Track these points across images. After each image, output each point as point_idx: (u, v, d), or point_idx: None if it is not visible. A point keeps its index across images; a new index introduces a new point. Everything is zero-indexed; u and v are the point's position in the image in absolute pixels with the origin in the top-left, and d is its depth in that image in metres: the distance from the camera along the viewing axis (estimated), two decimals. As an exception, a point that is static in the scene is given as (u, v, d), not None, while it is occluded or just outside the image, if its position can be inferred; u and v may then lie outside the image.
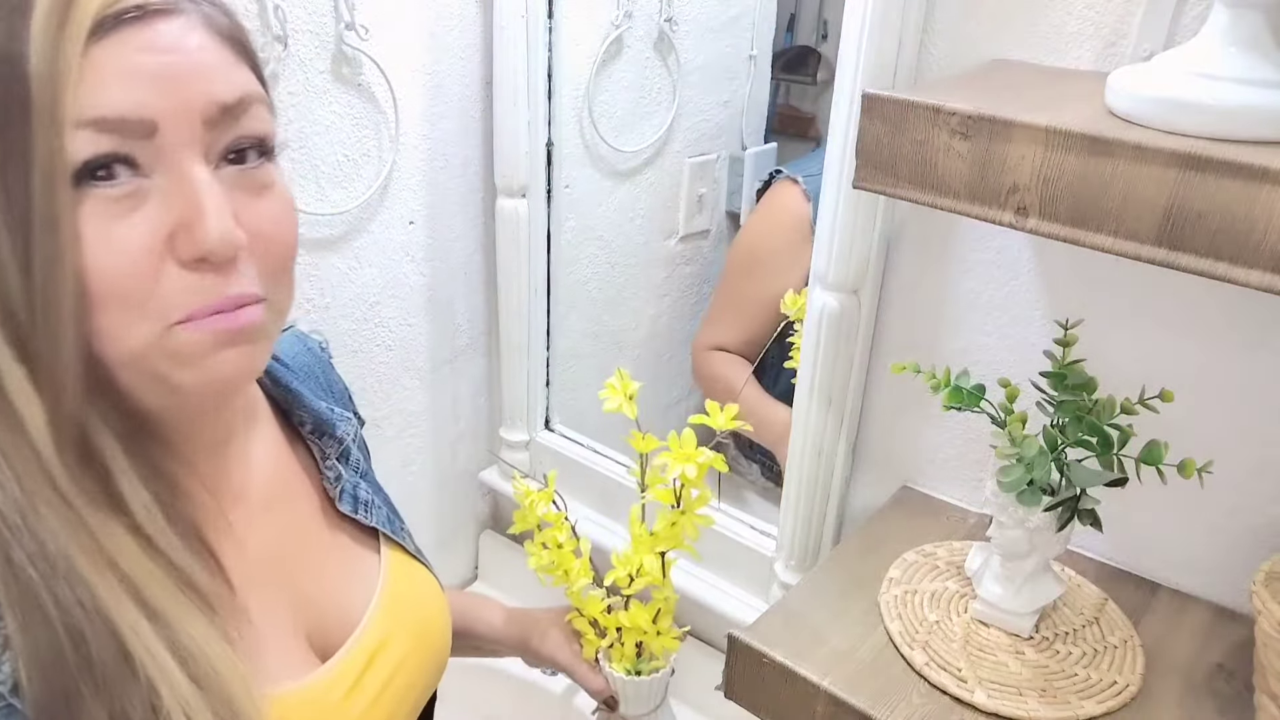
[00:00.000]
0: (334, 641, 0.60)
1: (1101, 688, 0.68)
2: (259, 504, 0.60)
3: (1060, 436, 0.66)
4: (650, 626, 0.83)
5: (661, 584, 0.82)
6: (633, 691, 0.84)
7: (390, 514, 0.70)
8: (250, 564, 0.57)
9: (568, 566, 0.84)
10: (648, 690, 0.84)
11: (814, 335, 0.86)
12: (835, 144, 0.78)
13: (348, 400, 0.76)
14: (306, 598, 0.60)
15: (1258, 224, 0.48)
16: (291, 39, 0.89)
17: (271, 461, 0.62)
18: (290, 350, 0.71)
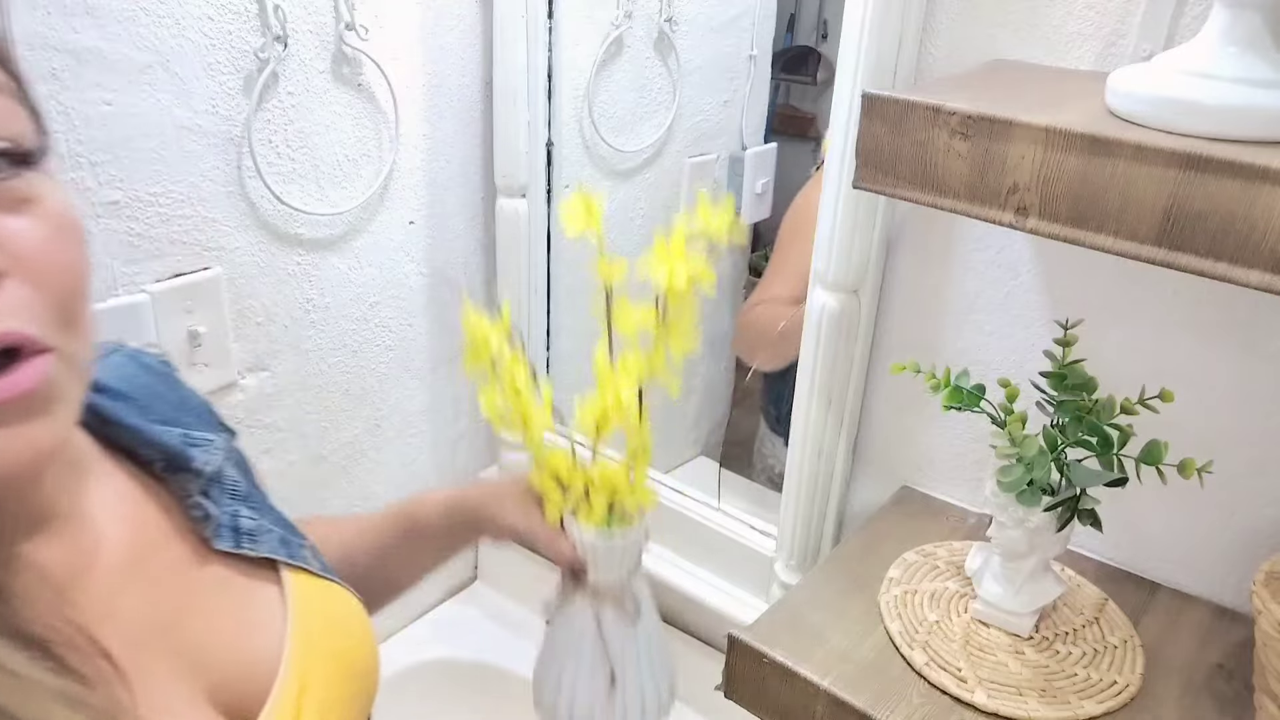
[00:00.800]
0: (249, 699, 0.51)
1: (1101, 688, 0.68)
2: (121, 565, 0.50)
3: (1060, 436, 0.66)
4: (624, 479, 0.71)
5: (637, 426, 0.70)
6: (604, 554, 0.71)
7: (286, 534, 0.60)
8: (129, 632, 0.48)
9: (526, 412, 0.71)
10: (621, 552, 0.72)
11: (814, 335, 0.86)
12: (835, 144, 0.78)
13: (208, 414, 0.63)
14: (204, 656, 0.51)
15: (1258, 224, 0.48)
16: (291, 39, 0.89)
17: (123, 513, 0.52)
18: (122, 374, 0.59)
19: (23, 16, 0.72)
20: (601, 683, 0.72)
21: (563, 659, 0.72)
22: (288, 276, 0.97)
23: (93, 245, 0.80)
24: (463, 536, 0.77)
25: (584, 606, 0.72)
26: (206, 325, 0.90)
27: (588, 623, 0.72)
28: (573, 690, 0.72)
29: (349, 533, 0.76)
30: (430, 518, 0.75)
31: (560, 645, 0.73)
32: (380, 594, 0.75)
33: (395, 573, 0.77)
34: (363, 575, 0.70)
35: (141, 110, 0.81)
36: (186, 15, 0.81)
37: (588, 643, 0.72)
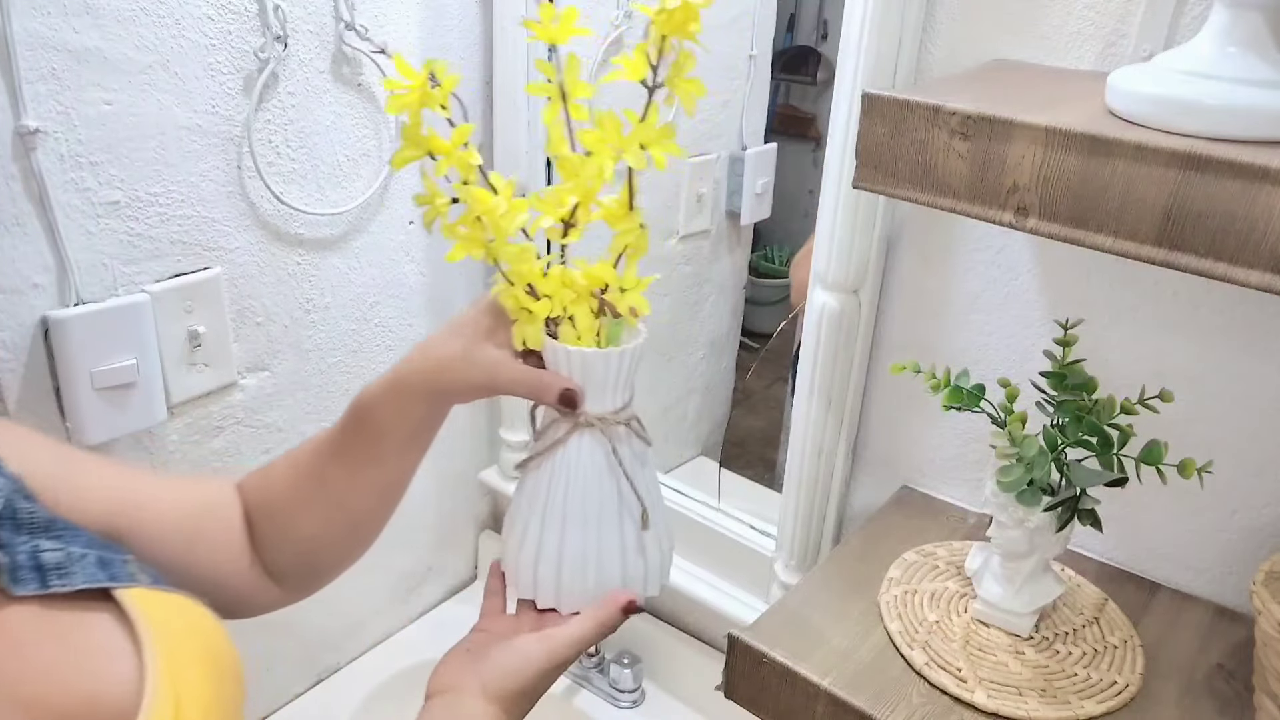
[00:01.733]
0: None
1: (1101, 688, 0.68)
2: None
3: (1060, 436, 0.66)
4: (614, 277, 0.57)
5: (625, 212, 0.56)
6: (601, 372, 0.58)
7: (103, 553, 0.52)
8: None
9: (483, 207, 0.55)
10: (618, 369, 0.59)
11: (814, 335, 0.86)
12: (835, 144, 0.78)
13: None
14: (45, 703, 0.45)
15: (1258, 224, 0.48)
16: (291, 39, 0.89)
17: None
18: None
19: (23, 16, 0.72)
20: (630, 528, 0.60)
21: (567, 513, 0.60)
22: (288, 276, 0.97)
23: (93, 245, 0.80)
24: (427, 412, 0.63)
25: (587, 441, 0.60)
26: (206, 325, 0.90)
27: (598, 460, 0.59)
28: (596, 546, 0.60)
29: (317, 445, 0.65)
30: (381, 420, 0.62)
31: (560, 498, 0.60)
32: (368, 513, 0.67)
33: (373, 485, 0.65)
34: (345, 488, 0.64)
35: (141, 110, 0.81)
36: (186, 15, 0.81)
37: (603, 483, 0.60)
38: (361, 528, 0.68)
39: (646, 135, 0.55)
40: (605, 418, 0.59)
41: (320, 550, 0.67)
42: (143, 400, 0.85)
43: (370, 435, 0.63)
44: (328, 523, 0.65)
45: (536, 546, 0.61)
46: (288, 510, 0.65)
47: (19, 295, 0.77)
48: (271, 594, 0.67)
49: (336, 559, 0.69)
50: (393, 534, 0.68)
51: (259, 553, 0.66)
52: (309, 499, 0.65)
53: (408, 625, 1.25)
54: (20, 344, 0.79)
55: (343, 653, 1.18)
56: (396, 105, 0.55)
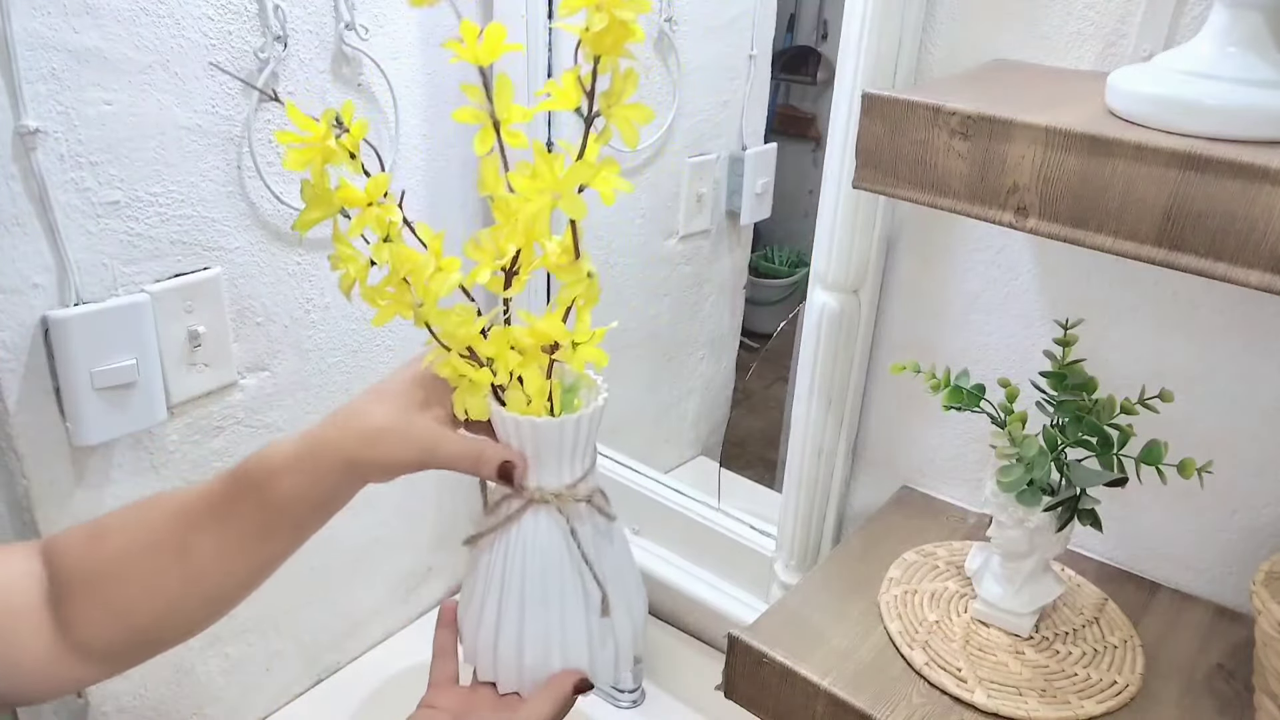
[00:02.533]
0: None
1: (1101, 688, 0.68)
2: None
3: (1060, 436, 0.66)
4: (563, 332, 0.51)
5: (570, 259, 0.50)
6: (555, 441, 0.52)
7: None
8: None
9: (408, 268, 0.50)
10: (575, 436, 0.53)
11: (814, 335, 0.86)
12: (835, 144, 0.78)
13: None
14: None
15: (1258, 224, 0.48)
16: (291, 39, 0.89)
17: None
18: None
19: (23, 16, 0.72)
20: (585, 614, 0.56)
21: (521, 596, 0.55)
22: (288, 276, 0.97)
23: (93, 245, 0.80)
24: (339, 489, 0.56)
25: (542, 519, 0.54)
26: (206, 325, 0.90)
27: (555, 539, 0.54)
28: (555, 628, 0.56)
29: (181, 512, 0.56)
30: (285, 488, 0.54)
31: (513, 579, 0.55)
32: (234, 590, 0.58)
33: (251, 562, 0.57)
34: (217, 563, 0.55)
35: (141, 110, 0.81)
36: (186, 15, 0.81)
37: (559, 565, 0.55)
38: (218, 606, 0.58)
39: (584, 174, 0.47)
40: (561, 494, 0.54)
41: (160, 628, 0.57)
42: (143, 400, 0.85)
43: (263, 506, 0.54)
44: (178, 599, 0.56)
45: (494, 628, 0.56)
46: (124, 581, 0.55)
47: (19, 295, 0.77)
48: (77, 673, 0.57)
49: (177, 636, 0.59)
50: (393, 534, 0.68)
51: (69, 630, 0.55)
52: (158, 571, 0.55)
53: (408, 625, 1.25)
54: (20, 344, 0.79)
55: (343, 653, 1.18)
56: (295, 160, 0.48)
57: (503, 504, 0.56)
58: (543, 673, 0.57)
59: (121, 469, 0.88)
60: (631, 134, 0.48)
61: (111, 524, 0.57)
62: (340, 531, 1.11)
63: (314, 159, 0.48)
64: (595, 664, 0.58)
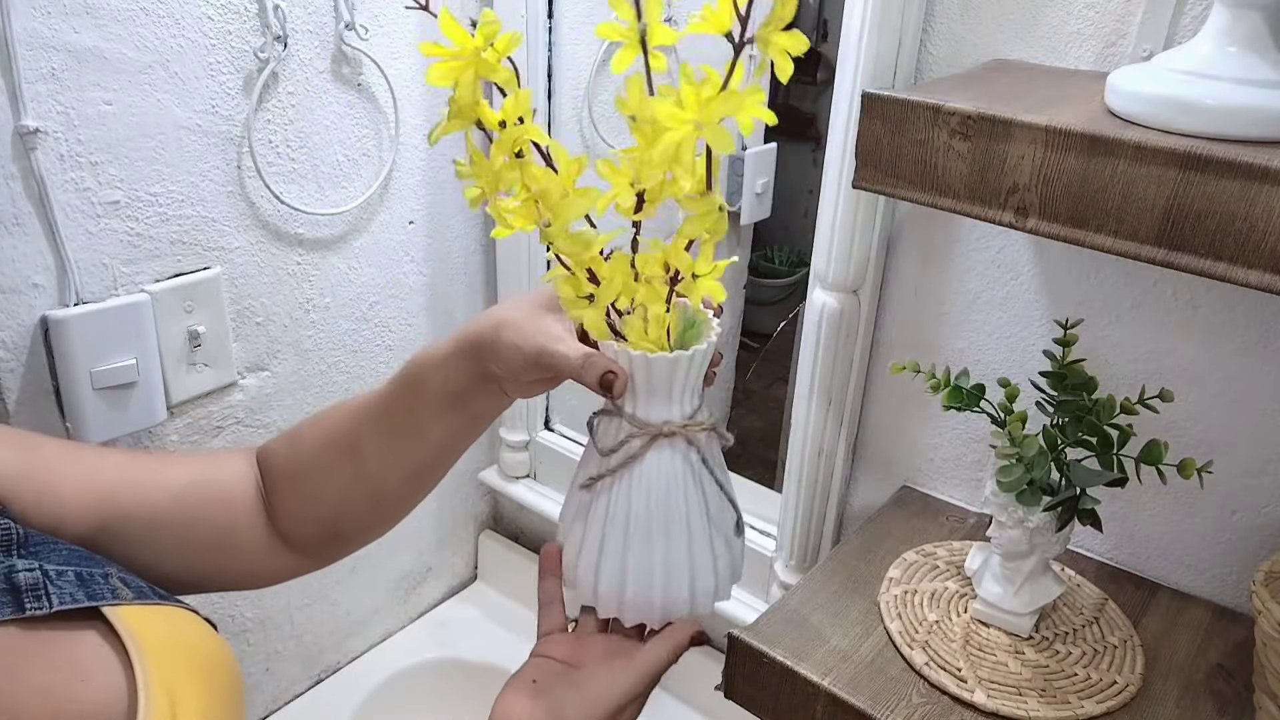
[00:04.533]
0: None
1: (1101, 688, 0.68)
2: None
3: (1060, 436, 0.66)
4: (687, 262, 0.50)
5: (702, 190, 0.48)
6: (666, 376, 0.52)
7: (80, 570, 0.50)
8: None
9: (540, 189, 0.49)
10: (687, 369, 0.52)
11: (814, 335, 0.86)
12: (835, 144, 0.78)
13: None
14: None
15: (1258, 224, 0.48)
16: (291, 39, 0.89)
17: None
18: None
19: (23, 16, 0.72)
20: (721, 536, 0.57)
21: (650, 529, 0.55)
22: (288, 276, 0.97)
23: (93, 245, 0.80)
24: (472, 379, 0.58)
25: (669, 452, 0.54)
26: (206, 325, 0.90)
27: (684, 470, 0.54)
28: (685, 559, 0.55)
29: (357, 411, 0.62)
30: (432, 378, 0.59)
31: (639, 513, 0.55)
32: (397, 494, 0.64)
33: (407, 463, 0.62)
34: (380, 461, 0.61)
35: (141, 110, 0.81)
36: (186, 15, 0.81)
37: (690, 495, 0.55)
38: (388, 507, 0.66)
39: (731, 104, 0.45)
40: (689, 424, 0.54)
41: (343, 522, 0.65)
42: (143, 400, 0.85)
43: (414, 404, 0.60)
44: (354, 496, 0.63)
45: (621, 567, 0.56)
46: (313, 478, 0.63)
47: (19, 295, 0.77)
48: (288, 563, 0.65)
49: (358, 533, 0.67)
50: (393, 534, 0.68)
51: (276, 521, 0.64)
52: (339, 467, 0.62)
53: (408, 625, 1.25)
54: (20, 344, 0.79)
55: (343, 653, 1.18)
56: (441, 74, 0.46)
57: (625, 443, 0.55)
58: (675, 603, 0.57)
59: (121, 469, 0.88)
60: (785, 64, 0.44)
61: (304, 426, 0.65)
62: (340, 531, 1.11)
63: (464, 71, 0.47)
64: (720, 586, 0.58)
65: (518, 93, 0.48)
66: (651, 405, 0.54)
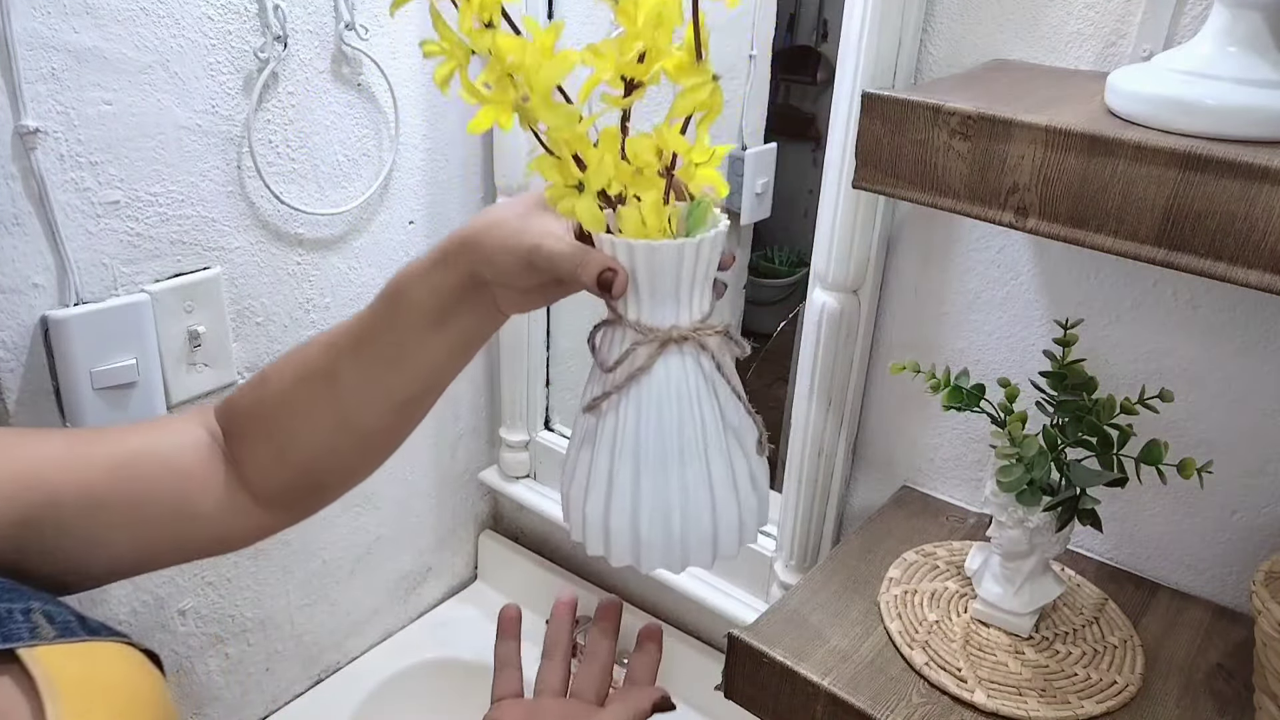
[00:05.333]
0: None
1: (1101, 688, 0.68)
2: None
3: (1060, 436, 0.66)
4: (683, 144, 0.45)
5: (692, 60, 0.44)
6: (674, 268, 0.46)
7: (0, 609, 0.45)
8: None
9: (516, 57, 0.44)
10: (695, 263, 0.47)
11: (814, 335, 0.86)
12: (835, 144, 0.78)
13: None
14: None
15: (1258, 224, 0.48)
16: (291, 39, 0.89)
17: None
18: None
19: (23, 16, 0.72)
20: (745, 454, 0.51)
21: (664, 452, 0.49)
22: (288, 276, 0.97)
23: (93, 245, 0.80)
24: (462, 288, 0.53)
25: (680, 360, 0.48)
26: (206, 325, 0.90)
27: (697, 380, 0.48)
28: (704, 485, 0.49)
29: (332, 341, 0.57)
30: (417, 289, 0.54)
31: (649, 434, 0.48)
32: (380, 430, 0.59)
33: (389, 392, 0.56)
34: (359, 392, 0.56)
35: (141, 110, 0.81)
36: (186, 15, 0.81)
37: (704, 409, 0.49)
38: (371, 445, 0.59)
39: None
40: (700, 328, 0.48)
41: (322, 466, 0.59)
42: (143, 400, 0.85)
43: (395, 318, 0.54)
44: (333, 434, 0.57)
45: (631, 501, 0.49)
46: (286, 418, 0.57)
47: (19, 295, 0.77)
48: (260, 521, 0.60)
49: (339, 478, 0.61)
50: (393, 534, 0.68)
51: (245, 476, 0.59)
52: (313, 402, 0.57)
53: (408, 625, 1.25)
54: (20, 344, 0.79)
55: (343, 653, 1.18)
56: None
57: (630, 355, 0.48)
58: (698, 542, 0.50)
59: (121, 469, 0.88)
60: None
61: (271, 367, 0.59)
62: (340, 531, 1.11)
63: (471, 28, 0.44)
64: (746, 521, 0.51)
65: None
66: (657, 308, 0.47)
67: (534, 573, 1.26)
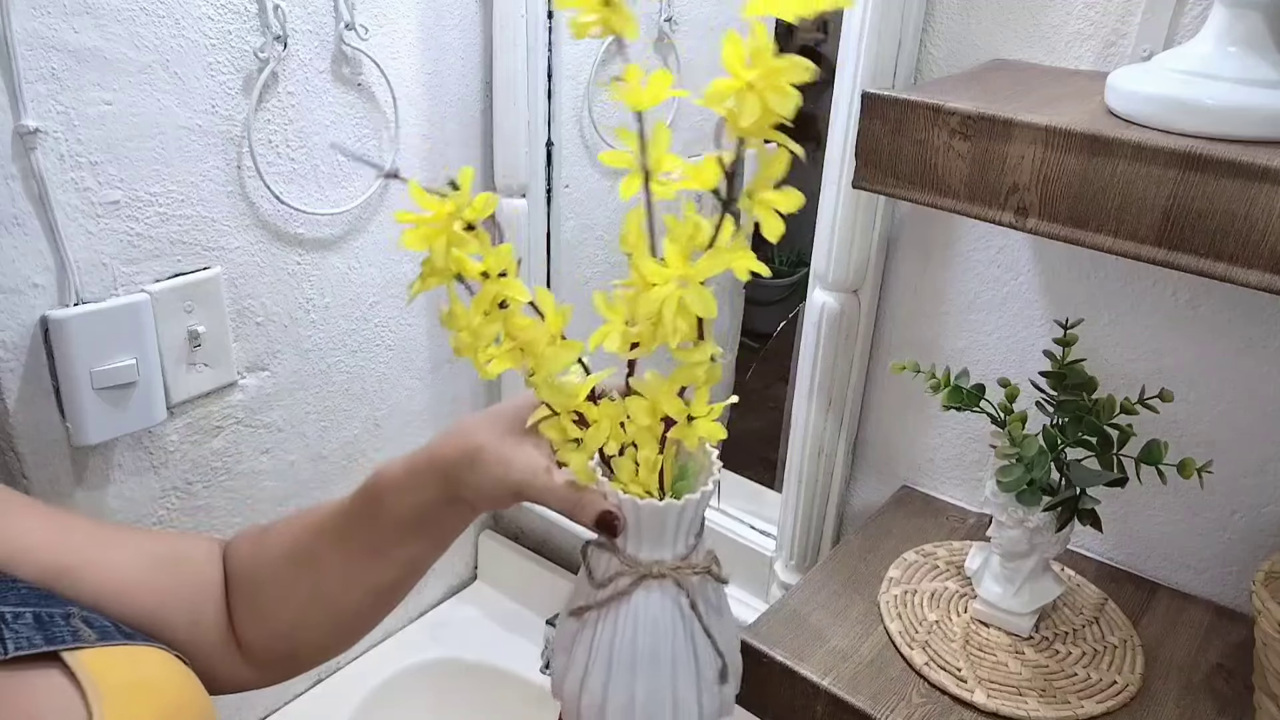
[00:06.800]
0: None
1: (1101, 688, 0.68)
2: None
3: (1060, 436, 0.66)
4: (679, 408, 0.48)
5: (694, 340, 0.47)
6: (661, 522, 0.50)
7: (39, 611, 0.48)
8: None
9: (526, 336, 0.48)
10: (678, 516, 0.50)
11: (814, 335, 0.86)
12: (835, 144, 0.78)
13: None
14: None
15: (1257, 224, 0.48)
16: (291, 39, 0.89)
17: None
18: None
19: (23, 16, 0.72)
20: (707, 682, 0.54)
21: (635, 668, 0.53)
22: (287, 276, 0.97)
23: (93, 245, 0.80)
24: (440, 503, 0.55)
25: (658, 593, 0.52)
26: (206, 325, 0.90)
27: (671, 612, 0.52)
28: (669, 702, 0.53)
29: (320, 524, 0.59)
30: (395, 499, 0.56)
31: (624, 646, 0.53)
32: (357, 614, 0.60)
33: (368, 582, 0.59)
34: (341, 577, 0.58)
35: (141, 110, 0.81)
36: (186, 15, 0.81)
37: (676, 636, 0.53)
38: (346, 627, 0.61)
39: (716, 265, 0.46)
40: (680, 567, 0.52)
41: (299, 640, 0.60)
42: (143, 400, 0.85)
43: (375, 522, 0.56)
44: (312, 613, 0.59)
45: (601, 701, 0.54)
46: (267, 585, 0.59)
47: (19, 295, 0.77)
48: (241, 673, 0.60)
49: (313, 653, 0.62)
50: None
51: (235, 626, 0.59)
52: (292, 579, 0.59)
53: (408, 625, 1.25)
54: (20, 344, 0.79)
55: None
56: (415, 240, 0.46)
57: (614, 579, 0.52)
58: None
59: (121, 469, 0.88)
60: (774, 224, 0.45)
61: (272, 528, 0.60)
62: (340, 531, 1.11)
63: (436, 239, 0.46)
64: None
65: (498, 249, 0.47)
66: (643, 544, 0.51)
67: (534, 572, 1.26)
